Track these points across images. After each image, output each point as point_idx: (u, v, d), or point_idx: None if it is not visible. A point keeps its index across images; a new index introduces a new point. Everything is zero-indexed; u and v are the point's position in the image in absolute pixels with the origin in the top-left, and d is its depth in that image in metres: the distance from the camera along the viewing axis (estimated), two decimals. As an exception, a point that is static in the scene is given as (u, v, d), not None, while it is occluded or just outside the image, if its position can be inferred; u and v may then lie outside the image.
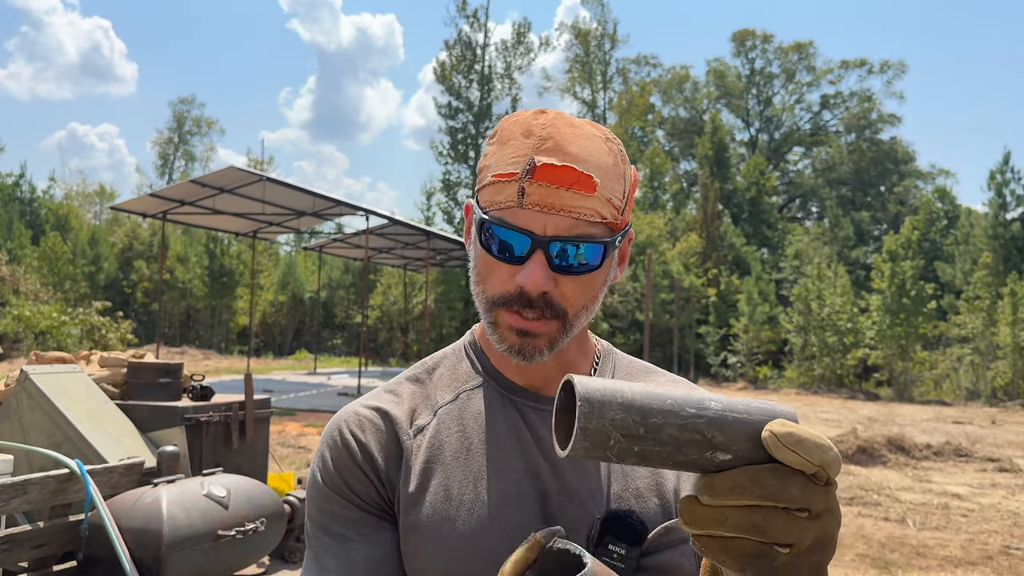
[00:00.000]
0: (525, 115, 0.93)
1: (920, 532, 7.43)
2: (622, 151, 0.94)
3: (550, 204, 0.87)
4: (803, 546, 0.61)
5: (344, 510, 0.93)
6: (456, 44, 46.18)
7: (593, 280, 0.93)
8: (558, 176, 0.87)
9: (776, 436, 0.60)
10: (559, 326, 0.92)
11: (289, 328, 44.73)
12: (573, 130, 0.90)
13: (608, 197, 0.90)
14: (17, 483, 2.98)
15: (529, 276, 0.88)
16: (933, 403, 25.85)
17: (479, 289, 0.95)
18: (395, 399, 1.00)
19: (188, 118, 61.27)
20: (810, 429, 0.62)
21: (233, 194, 19.14)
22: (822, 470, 0.61)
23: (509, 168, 0.89)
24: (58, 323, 25.17)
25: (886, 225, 50.33)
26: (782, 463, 0.61)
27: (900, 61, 55.80)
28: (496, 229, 0.90)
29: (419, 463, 0.94)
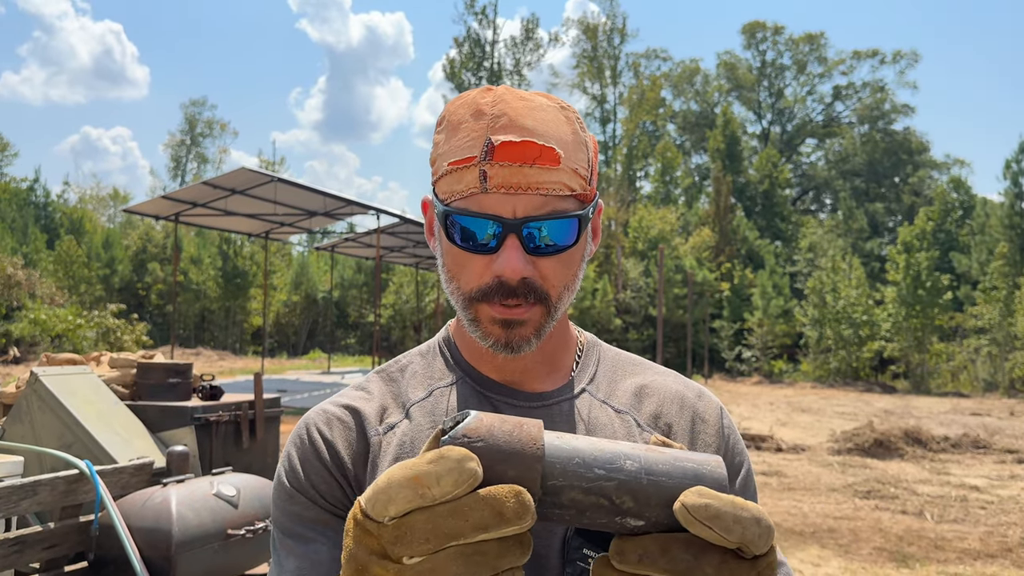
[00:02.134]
0: (471, 95, 0.88)
1: (938, 525, 7.35)
2: (579, 119, 0.90)
3: (515, 184, 0.82)
4: None
5: (307, 511, 0.89)
6: (465, 41, 46.21)
7: (571, 257, 0.89)
8: (519, 153, 0.82)
9: (687, 509, 0.54)
10: (543, 311, 0.88)
11: (303, 328, 44.91)
12: (525, 103, 0.86)
13: (574, 168, 0.85)
14: (28, 484, 2.98)
15: (507, 263, 0.83)
16: (950, 395, 25.64)
17: (453, 286, 0.90)
18: (365, 396, 0.96)
19: (200, 120, 61.62)
20: (733, 498, 0.55)
21: (245, 195, 19.21)
22: (744, 546, 0.55)
23: (465, 153, 0.84)
24: (73, 326, 25.34)
25: (900, 216, 50.00)
26: None
27: (913, 51, 55.33)
28: (461, 219, 0.85)
29: (388, 460, 0.90)
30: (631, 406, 0.97)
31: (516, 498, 0.54)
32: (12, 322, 27.92)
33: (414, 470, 0.54)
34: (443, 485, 0.53)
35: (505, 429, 0.56)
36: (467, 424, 0.56)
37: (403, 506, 0.54)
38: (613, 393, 0.98)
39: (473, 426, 0.56)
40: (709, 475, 0.59)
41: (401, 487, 0.53)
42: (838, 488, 8.94)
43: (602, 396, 0.97)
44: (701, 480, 0.58)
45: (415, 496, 0.53)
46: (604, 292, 35.33)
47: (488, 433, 0.55)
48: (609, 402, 0.97)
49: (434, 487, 0.53)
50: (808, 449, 11.64)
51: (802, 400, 21.48)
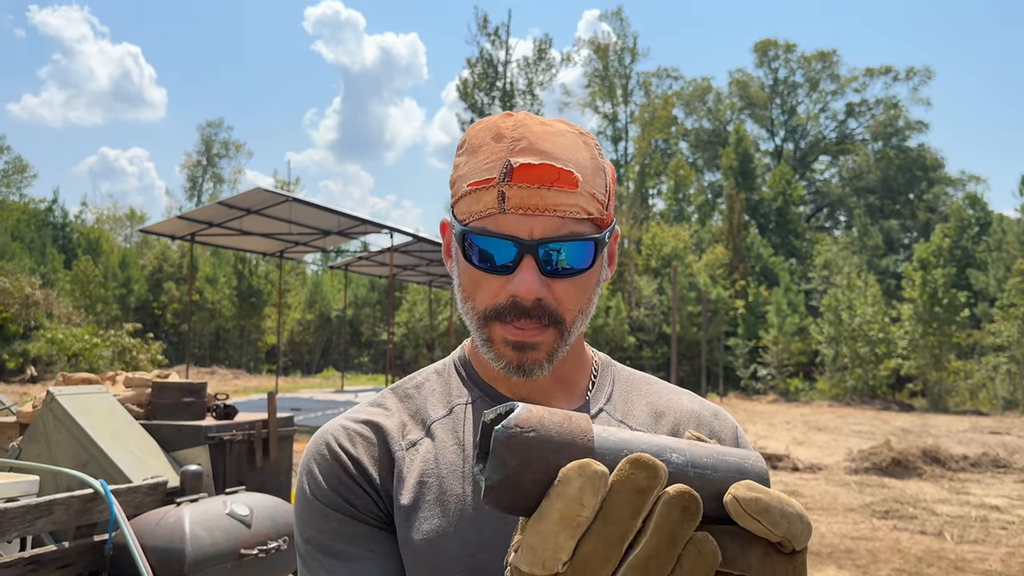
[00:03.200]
0: (492, 120, 0.90)
1: (958, 546, 7.25)
2: (597, 145, 0.92)
3: (533, 205, 0.84)
4: None
5: (346, 526, 0.88)
6: (478, 62, 46.50)
7: (587, 281, 0.89)
8: (537, 175, 0.83)
9: (739, 502, 0.55)
10: (556, 335, 0.88)
11: (316, 346, 45.02)
12: (545, 128, 0.87)
13: (591, 192, 0.87)
14: (43, 503, 2.99)
15: (522, 283, 0.84)
16: (969, 413, 25.35)
17: (468, 306, 0.91)
18: (384, 411, 0.97)
19: (216, 141, 62.19)
20: (779, 493, 0.57)
21: (260, 215, 19.34)
22: (787, 540, 0.56)
23: (485, 175, 0.85)
24: (90, 345, 25.52)
25: (916, 233, 49.73)
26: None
27: (926, 67, 55.18)
28: (479, 239, 0.87)
29: (414, 476, 0.91)
30: (648, 426, 0.98)
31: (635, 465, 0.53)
32: (29, 341, 28.14)
33: (556, 512, 0.52)
34: (588, 503, 0.52)
35: (555, 420, 0.56)
36: (518, 415, 0.56)
37: (569, 545, 0.52)
38: (630, 413, 0.99)
39: (524, 416, 0.56)
40: (751, 468, 0.60)
41: (556, 532, 0.52)
42: (856, 508, 8.84)
43: (619, 416, 0.98)
44: (744, 474, 0.59)
45: (573, 530, 0.52)
46: (618, 310, 35.25)
47: (540, 423, 0.55)
48: (626, 422, 0.97)
49: (583, 512, 0.52)
50: (825, 468, 11.53)
51: (818, 419, 21.30)
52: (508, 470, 0.54)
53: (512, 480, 0.54)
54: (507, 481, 0.54)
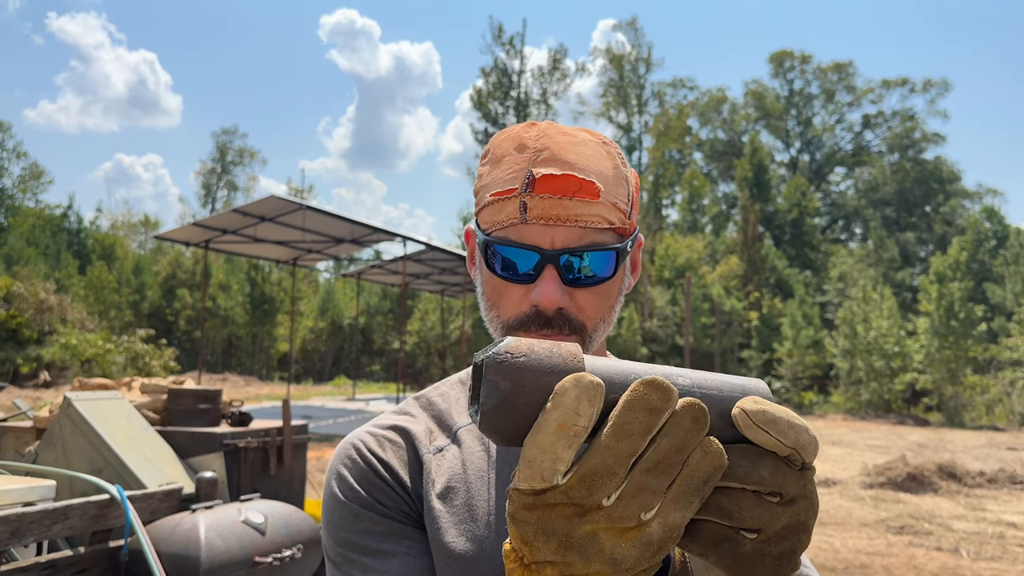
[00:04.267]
0: (515, 129, 0.91)
1: (975, 563, 7.16)
2: (620, 154, 0.92)
3: (555, 216, 0.85)
4: (771, 532, 0.57)
5: (379, 525, 0.88)
6: (492, 71, 46.67)
7: (608, 290, 0.90)
8: (559, 186, 0.84)
9: (747, 414, 0.56)
10: (578, 342, 0.88)
11: (328, 354, 45.13)
12: (568, 138, 0.88)
13: (613, 202, 0.87)
14: (59, 508, 3.00)
15: (543, 293, 0.85)
16: (985, 428, 25.09)
17: (492, 315, 0.91)
18: (410, 418, 0.97)
19: (231, 148, 62.60)
20: (785, 408, 0.58)
21: (274, 223, 19.44)
22: (796, 453, 0.57)
23: (507, 185, 0.86)
24: (103, 351, 25.66)
25: (932, 246, 49.43)
26: (753, 443, 0.57)
27: (943, 79, 54.95)
28: (501, 249, 0.87)
29: (443, 480, 0.91)
30: None
31: (651, 386, 0.53)
32: (43, 346, 28.34)
33: (552, 422, 0.52)
34: (584, 412, 0.52)
35: (545, 346, 0.57)
36: (507, 343, 0.56)
37: (568, 455, 0.52)
38: None
39: (514, 344, 0.56)
40: (755, 388, 0.61)
41: (554, 443, 0.52)
42: (870, 523, 8.75)
43: None
44: (748, 392, 0.60)
45: (570, 440, 0.52)
46: (631, 320, 35.17)
47: (529, 349, 0.56)
48: None
49: (579, 421, 0.52)
50: (840, 483, 11.43)
51: (833, 432, 21.14)
52: (502, 394, 0.55)
53: (507, 404, 0.55)
54: (502, 405, 0.55)
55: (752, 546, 0.57)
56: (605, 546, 0.53)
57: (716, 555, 0.57)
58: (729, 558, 0.57)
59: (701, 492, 0.55)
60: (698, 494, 0.55)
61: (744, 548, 0.57)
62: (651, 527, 0.54)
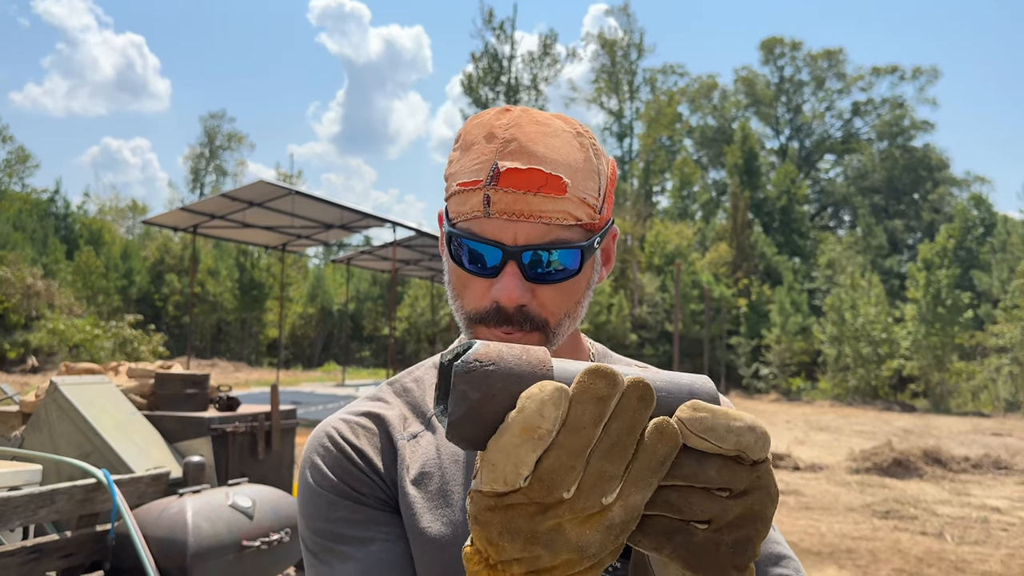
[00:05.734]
0: (488, 115, 0.89)
1: (958, 547, 7.24)
2: (595, 144, 0.90)
3: (518, 211, 0.83)
4: (723, 522, 0.57)
5: (356, 513, 0.88)
6: (483, 56, 46.45)
7: (573, 286, 0.88)
8: (524, 180, 0.82)
9: (683, 422, 0.56)
10: (541, 338, 0.87)
11: (318, 340, 45.06)
12: (539, 128, 0.86)
13: (581, 197, 0.85)
14: (45, 493, 2.99)
15: (503, 290, 0.84)
16: (971, 415, 25.32)
17: (457, 304, 0.91)
18: (384, 405, 0.97)
19: (219, 133, 62.17)
20: (726, 409, 0.58)
21: (263, 208, 19.35)
22: (743, 453, 0.57)
23: (473, 176, 0.85)
24: (91, 336, 25.54)
25: (920, 233, 49.66)
26: None
27: (933, 67, 55.02)
28: (465, 241, 0.86)
29: (417, 466, 0.91)
30: None
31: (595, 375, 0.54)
32: (31, 332, 28.20)
33: (516, 426, 0.53)
34: (548, 416, 0.53)
35: (514, 353, 0.57)
36: (476, 350, 0.56)
37: (531, 458, 0.53)
38: None
39: (483, 351, 0.56)
40: (702, 388, 0.61)
41: (518, 446, 0.53)
42: (856, 508, 8.83)
43: None
44: (695, 395, 0.60)
45: (535, 444, 0.53)
46: (620, 307, 35.24)
47: (499, 356, 0.56)
48: None
49: (544, 424, 0.53)
50: (826, 468, 11.52)
51: (820, 418, 21.28)
52: (470, 403, 0.55)
53: (474, 413, 0.55)
54: (470, 414, 0.55)
55: (705, 536, 0.57)
56: (570, 536, 0.54)
57: (670, 548, 0.57)
58: (683, 549, 0.57)
59: (659, 472, 0.55)
60: (656, 474, 0.55)
61: (697, 539, 0.57)
62: (613, 511, 0.54)
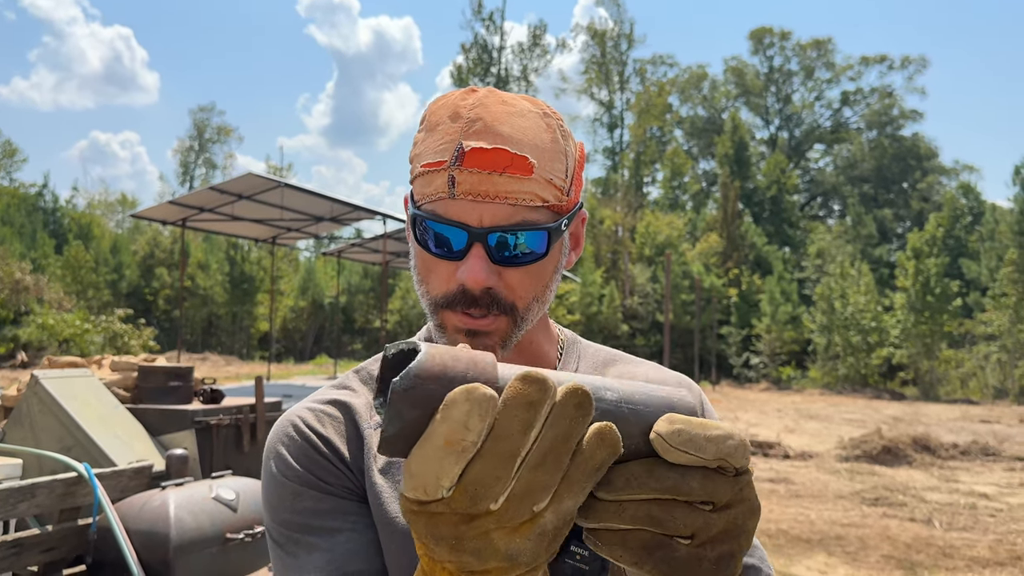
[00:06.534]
0: (453, 96, 0.87)
1: (947, 533, 7.28)
2: (562, 126, 0.88)
3: (483, 192, 0.81)
4: (706, 537, 0.56)
5: (322, 503, 0.86)
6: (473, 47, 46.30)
7: (541, 269, 0.86)
8: (489, 160, 0.80)
9: (662, 437, 0.55)
10: (508, 322, 0.85)
11: (309, 333, 44.96)
12: (505, 108, 0.84)
13: (548, 178, 0.83)
14: (25, 487, 2.97)
15: (469, 272, 0.82)
16: (960, 402, 25.47)
17: (423, 289, 0.88)
18: (350, 392, 0.95)
19: (209, 126, 61.84)
20: (704, 420, 0.56)
21: (252, 200, 19.23)
22: (724, 462, 0.56)
23: (437, 156, 0.83)
24: (81, 331, 25.42)
25: (909, 222, 49.84)
26: None
27: (921, 56, 55.18)
28: (430, 224, 0.84)
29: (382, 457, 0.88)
30: None
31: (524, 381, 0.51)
32: (20, 327, 28.03)
33: (439, 436, 0.50)
34: (474, 427, 0.50)
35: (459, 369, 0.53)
36: (420, 362, 0.52)
37: (454, 470, 0.50)
38: None
39: (427, 364, 0.52)
40: (680, 402, 0.60)
41: (440, 457, 0.50)
42: (846, 495, 8.86)
43: None
44: (674, 408, 0.59)
45: (458, 456, 0.50)
46: (611, 298, 35.26)
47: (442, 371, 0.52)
48: None
49: (468, 436, 0.50)
50: (816, 456, 11.56)
51: (810, 407, 21.37)
52: (404, 422, 0.52)
53: (408, 431, 0.52)
54: (403, 432, 0.52)
55: (687, 551, 0.56)
56: (499, 545, 0.51)
57: (651, 563, 0.56)
58: (665, 565, 0.56)
59: (595, 477, 0.53)
60: (591, 480, 0.53)
61: (679, 554, 0.56)
62: (544, 517, 0.52)
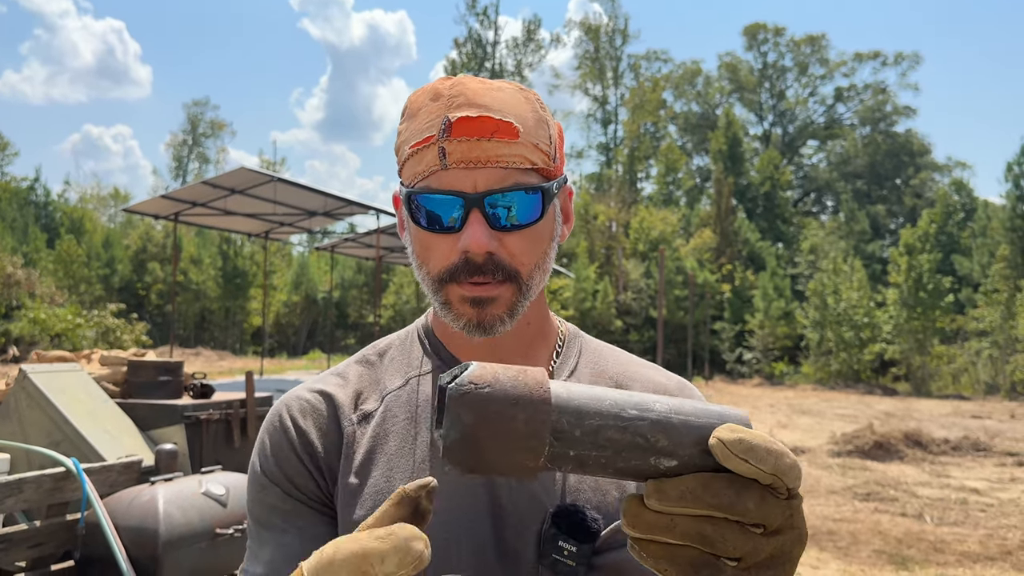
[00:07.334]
0: (431, 84, 0.89)
1: (938, 528, 7.31)
2: (540, 101, 0.90)
3: (474, 158, 0.82)
4: (753, 561, 0.56)
5: (283, 503, 0.88)
6: (467, 42, 46.22)
7: (538, 234, 0.87)
8: (476, 127, 0.82)
9: (724, 443, 0.55)
10: (513, 289, 0.86)
11: (302, 328, 44.87)
12: (483, 85, 0.86)
13: (534, 142, 0.85)
14: (12, 482, 2.94)
15: (471, 237, 0.82)
16: (951, 398, 25.58)
17: (423, 272, 0.89)
18: (341, 382, 0.95)
19: (202, 120, 61.59)
20: (763, 434, 0.56)
21: (245, 195, 19.16)
22: (778, 480, 0.55)
23: (425, 133, 0.84)
24: (73, 326, 25.31)
25: (902, 218, 49.99)
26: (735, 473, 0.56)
27: (914, 52, 55.33)
28: (423, 199, 0.84)
29: (361, 452, 0.89)
30: None
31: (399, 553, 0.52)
32: (11, 321, 27.89)
33: (361, 545, 0.52)
34: (387, 565, 0.51)
35: (510, 375, 0.56)
36: (472, 372, 0.55)
37: None
38: (595, 384, 0.96)
39: (479, 373, 0.55)
40: (734, 415, 0.59)
41: (344, 564, 0.52)
42: (838, 490, 8.89)
43: None
44: (727, 420, 0.59)
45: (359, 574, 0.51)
46: (605, 293, 35.27)
47: (494, 379, 0.55)
48: None
49: (378, 566, 0.51)
50: (808, 451, 11.59)
51: (803, 402, 21.43)
52: (464, 428, 0.53)
53: (469, 438, 0.54)
54: (464, 439, 0.54)
55: (733, 574, 0.56)
56: None
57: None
58: None
59: None
60: None
61: (725, 575, 0.56)
62: None
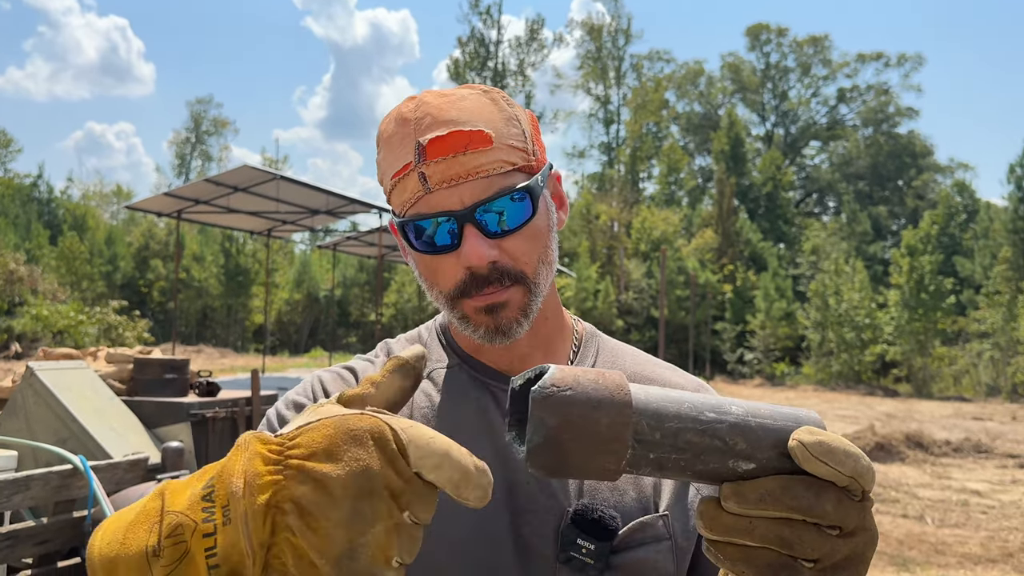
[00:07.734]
0: (396, 109, 0.90)
1: (939, 529, 7.31)
2: (506, 97, 0.91)
3: (454, 175, 0.83)
4: (830, 563, 0.57)
5: None
6: (469, 41, 46.20)
7: (536, 230, 0.88)
8: (449, 144, 0.83)
9: (804, 446, 0.55)
10: (523, 290, 0.88)
11: (304, 326, 44.89)
12: (445, 99, 0.87)
13: (509, 143, 0.86)
14: (20, 479, 2.96)
15: (470, 252, 0.84)
16: (952, 399, 25.56)
17: (435, 292, 0.91)
18: (369, 363, 0.99)
19: (205, 118, 61.60)
20: (840, 436, 0.57)
21: (247, 193, 19.18)
22: (855, 482, 0.56)
23: (402, 162, 0.85)
24: (75, 322, 25.33)
25: (904, 220, 49.95)
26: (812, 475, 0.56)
27: (917, 54, 55.18)
28: (417, 225, 0.86)
29: None
30: None
31: None
32: (14, 318, 27.92)
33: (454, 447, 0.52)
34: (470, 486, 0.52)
35: (590, 377, 0.56)
36: (552, 375, 0.55)
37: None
38: None
39: (559, 376, 0.55)
40: (807, 417, 0.59)
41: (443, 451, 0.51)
42: (839, 491, 8.89)
43: None
44: (801, 422, 0.59)
45: None
46: (606, 293, 35.28)
47: (575, 381, 0.55)
48: None
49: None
50: (809, 452, 11.59)
51: (804, 403, 21.42)
52: (548, 431, 0.53)
53: (553, 441, 0.53)
54: (548, 442, 0.53)
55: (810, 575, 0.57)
56: None
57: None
58: None
59: None
60: None
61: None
62: None
